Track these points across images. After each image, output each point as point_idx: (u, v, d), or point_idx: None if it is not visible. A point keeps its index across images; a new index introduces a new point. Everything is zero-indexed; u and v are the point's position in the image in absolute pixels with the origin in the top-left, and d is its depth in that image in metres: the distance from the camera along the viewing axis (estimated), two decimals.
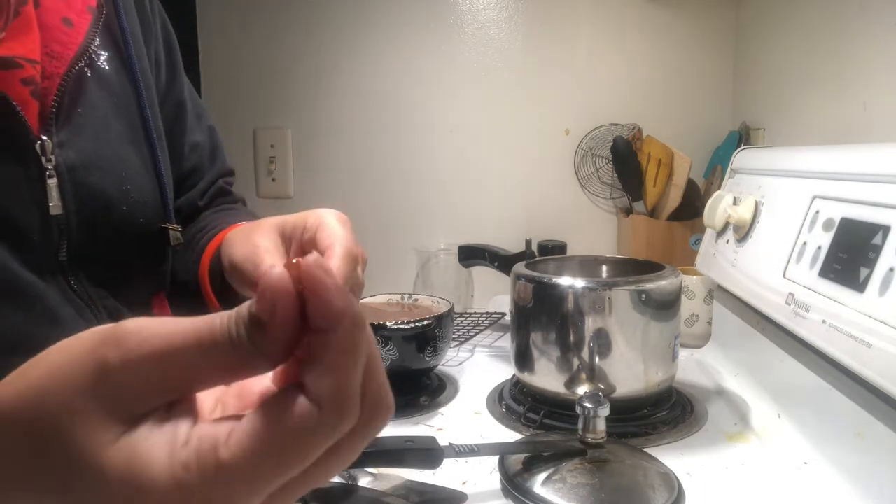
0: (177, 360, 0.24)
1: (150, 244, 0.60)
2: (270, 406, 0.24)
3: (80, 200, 0.51)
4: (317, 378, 0.24)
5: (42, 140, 0.49)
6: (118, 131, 0.57)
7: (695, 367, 0.95)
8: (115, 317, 0.55)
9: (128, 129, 0.58)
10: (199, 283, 0.62)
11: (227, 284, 0.58)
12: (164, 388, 0.25)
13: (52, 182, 0.49)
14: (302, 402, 0.24)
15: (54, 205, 0.50)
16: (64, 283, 0.52)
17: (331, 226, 0.49)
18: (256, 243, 0.51)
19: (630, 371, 0.74)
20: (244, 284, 0.53)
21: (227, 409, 0.29)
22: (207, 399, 0.28)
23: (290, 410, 0.24)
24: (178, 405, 0.26)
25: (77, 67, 0.52)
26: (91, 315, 0.53)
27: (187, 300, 0.64)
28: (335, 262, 0.45)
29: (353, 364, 0.24)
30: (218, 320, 0.24)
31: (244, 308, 0.24)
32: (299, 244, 0.51)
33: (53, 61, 0.50)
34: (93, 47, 0.54)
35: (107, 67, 0.56)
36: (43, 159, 0.49)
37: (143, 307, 0.62)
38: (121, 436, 0.24)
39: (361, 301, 0.95)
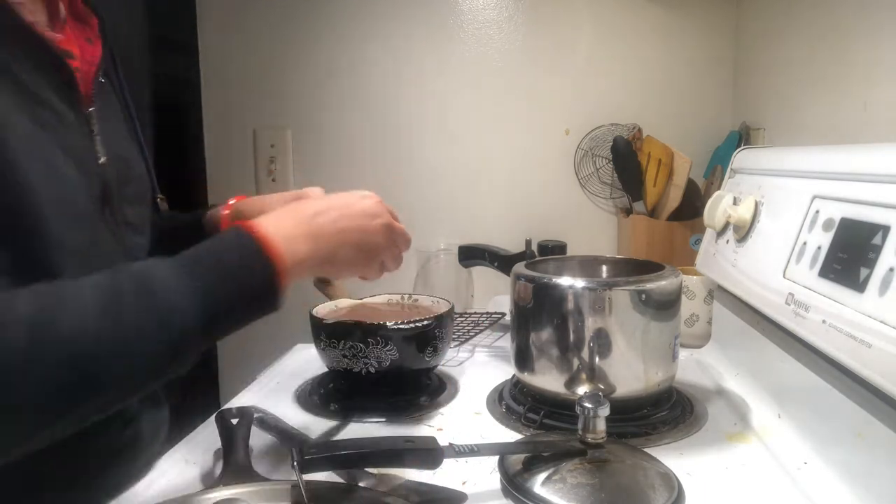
0: None
1: (150, 206, 0.78)
2: None
3: (112, 159, 0.67)
4: None
5: (90, 111, 0.65)
6: (123, 129, 0.74)
7: (695, 367, 0.95)
8: (138, 255, 0.71)
9: (127, 130, 0.75)
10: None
11: None
12: None
13: (98, 140, 0.65)
14: None
15: (101, 157, 0.65)
16: (108, 216, 0.65)
17: (315, 190, 0.77)
18: (264, 198, 0.81)
19: (630, 371, 0.74)
20: None
21: None
22: None
23: None
24: None
25: (98, 77, 0.67)
26: (124, 247, 0.67)
27: None
28: (315, 189, 0.77)
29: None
30: None
31: None
32: None
33: (86, 64, 0.65)
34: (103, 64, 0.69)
35: (106, 80, 0.71)
36: (92, 123, 0.65)
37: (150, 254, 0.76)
38: None
39: (361, 301, 0.95)
